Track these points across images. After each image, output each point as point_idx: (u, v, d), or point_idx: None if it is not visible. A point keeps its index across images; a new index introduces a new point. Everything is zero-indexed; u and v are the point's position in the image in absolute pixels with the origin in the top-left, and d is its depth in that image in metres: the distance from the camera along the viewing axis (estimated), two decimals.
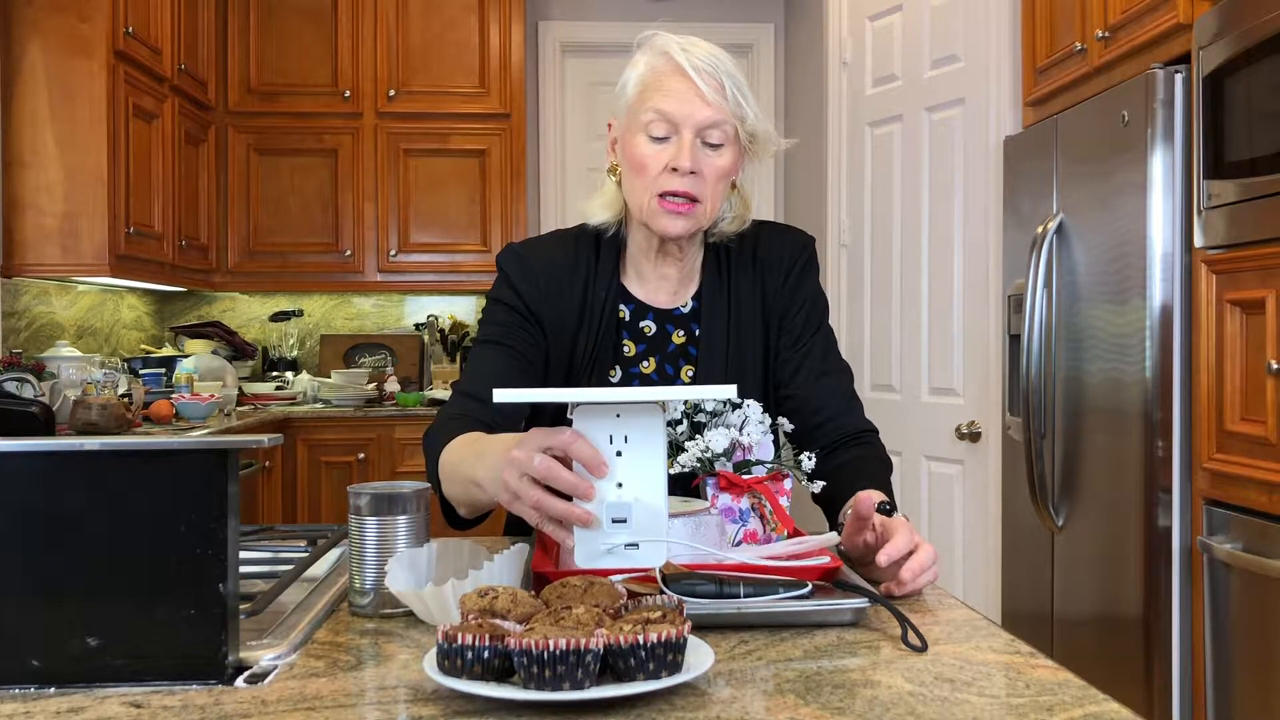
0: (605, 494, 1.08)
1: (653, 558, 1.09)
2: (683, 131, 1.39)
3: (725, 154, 1.42)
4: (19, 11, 3.35)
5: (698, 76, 1.38)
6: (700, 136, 1.39)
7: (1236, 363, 2.14)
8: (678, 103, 1.38)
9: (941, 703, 0.86)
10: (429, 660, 0.88)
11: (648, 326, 1.53)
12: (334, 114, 4.44)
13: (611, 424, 1.09)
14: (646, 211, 1.42)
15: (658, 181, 1.40)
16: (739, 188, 1.50)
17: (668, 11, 4.77)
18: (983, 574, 3.24)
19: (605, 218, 1.52)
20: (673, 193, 1.40)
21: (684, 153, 1.38)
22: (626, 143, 1.44)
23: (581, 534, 1.09)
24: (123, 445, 0.95)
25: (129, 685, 0.91)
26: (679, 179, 1.39)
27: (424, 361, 4.79)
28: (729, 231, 1.53)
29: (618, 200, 1.51)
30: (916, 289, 3.51)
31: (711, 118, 1.39)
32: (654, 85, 1.40)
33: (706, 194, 1.41)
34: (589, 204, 1.54)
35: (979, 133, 3.25)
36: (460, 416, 1.39)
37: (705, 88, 1.38)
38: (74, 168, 3.37)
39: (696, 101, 1.38)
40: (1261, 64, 2.03)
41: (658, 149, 1.40)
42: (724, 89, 1.39)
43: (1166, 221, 2.37)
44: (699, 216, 1.43)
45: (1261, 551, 2.05)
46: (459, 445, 1.30)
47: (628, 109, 1.44)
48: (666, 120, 1.39)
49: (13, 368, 3.05)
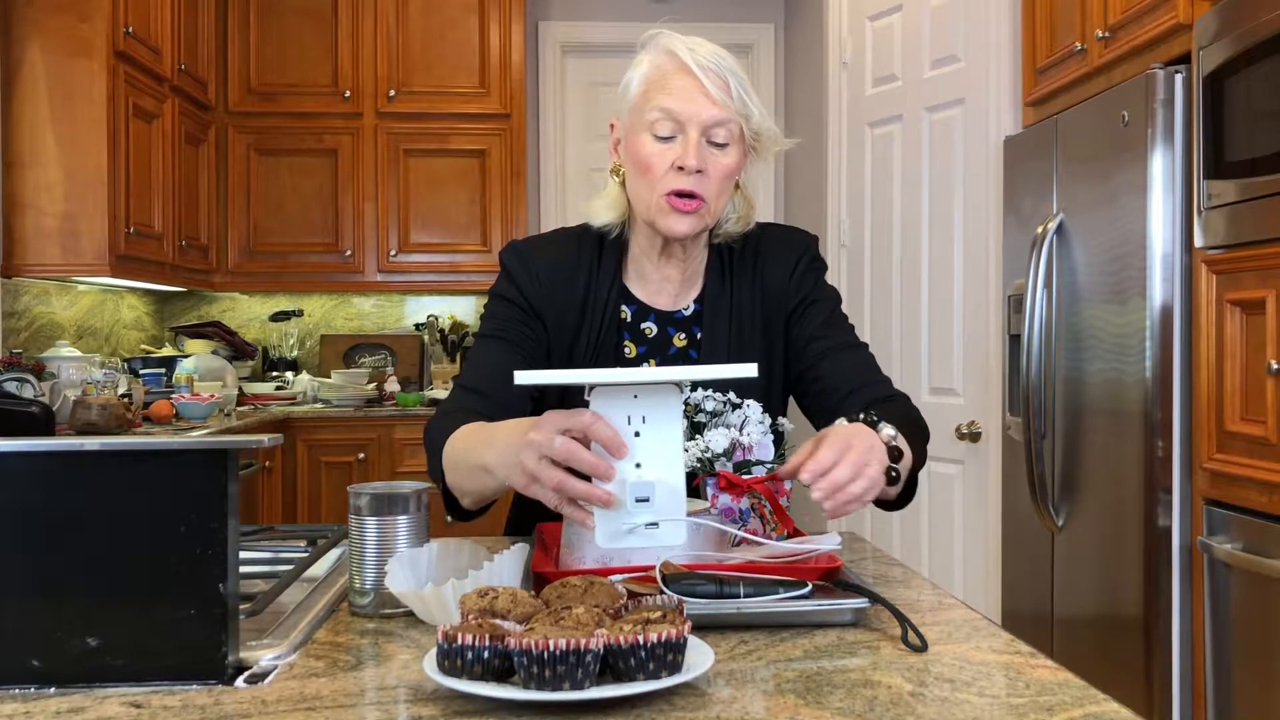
0: (625, 474, 1.07)
1: (673, 536, 1.08)
2: (688, 130, 1.38)
3: (730, 153, 1.41)
4: (19, 11, 3.35)
5: (703, 75, 1.37)
6: (706, 135, 1.38)
7: (1236, 363, 2.14)
8: (683, 101, 1.37)
9: (941, 703, 0.86)
10: (429, 660, 0.88)
11: (649, 328, 1.52)
12: (334, 114, 4.44)
13: (629, 404, 1.08)
14: (653, 211, 1.41)
15: (664, 181, 1.39)
16: (742, 188, 1.49)
17: (668, 11, 4.77)
18: (983, 574, 3.24)
19: (609, 219, 1.51)
20: (679, 192, 1.38)
21: (690, 151, 1.37)
22: (631, 142, 1.43)
23: (602, 515, 1.07)
24: (123, 445, 0.95)
25: (129, 685, 0.91)
26: (685, 178, 1.38)
27: (424, 361, 4.79)
28: (733, 232, 1.52)
29: (621, 201, 1.49)
30: (916, 289, 3.51)
31: (717, 116, 1.38)
32: (659, 84, 1.39)
33: (712, 193, 1.40)
34: (591, 205, 1.53)
35: (979, 133, 3.25)
36: (461, 410, 1.38)
37: (711, 86, 1.37)
38: (74, 168, 3.37)
39: (702, 100, 1.37)
40: (1261, 64, 2.03)
41: (663, 148, 1.39)
42: (729, 87, 1.38)
43: (1166, 221, 2.37)
44: (704, 216, 1.41)
45: (1261, 551, 2.05)
46: (465, 434, 1.29)
47: (632, 108, 1.43)
48: (672, 119, 1.38)
49: (13, 368, 3.05)
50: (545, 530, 1.37)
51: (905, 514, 3.55)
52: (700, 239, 1.50)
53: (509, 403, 1.40)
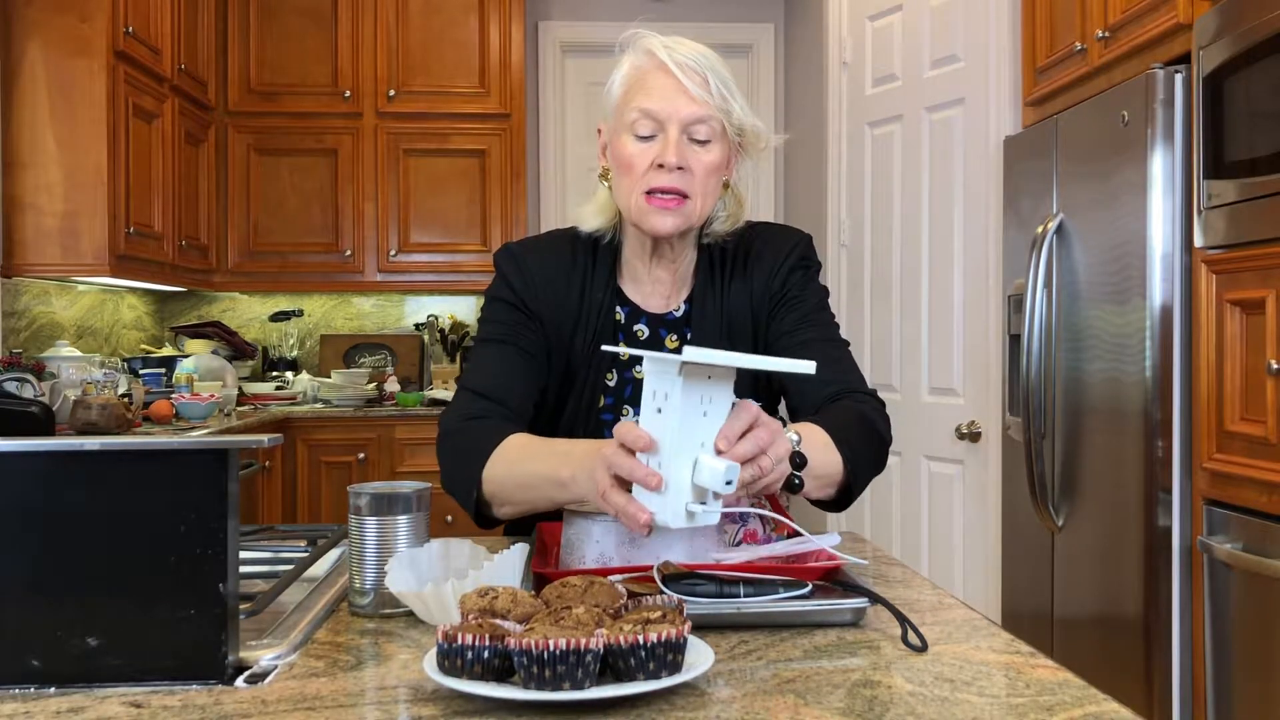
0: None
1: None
2: (668, 128, 1.37)
3: (713, 150, 1.40)
4: (19, 11, 3.35)
5: (681, 73, 1.37)
6: (686, 133, 1.38)
7: (1236, 363, 2.14)
8: (662, 99, 1.37)
9: (941, 703, 0.86)
10: (429, 660, 0.88)
11: (640, 330, 1.52)
12: (334, 114, 4.45)
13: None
14: (635, 211, 1.41)
15: (645, 179, 1.39)
16: (732, 186, 1.49)
17: (668, 12, 4.77)
18: (983, 574, 3.24)
19: (597, 224, 1.51)
20: (660, 189, 1.38)
21: (670, 148, 1.37)
22: (614, 144, 1.43)
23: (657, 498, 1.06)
24: (123, 445, 0.95)
25: (129, 685, 0.91)
26: (666, 175, 1.37)
27: (424, 361, 4.79)
28: (722, 231, 1.51)
29: (610, 206, 1.49)
30: (916, 289, 3.51)
31: (697, 113, 1.38)
32: (638, 84, 1.40)
33: (696, 190, 1.40)
34: (581, 210, 1.53)
35: (979, 133, 3.25)
36: (480, 417, 1.37)
37: (689, 83, 1.37)
38: (74, 168, 3.37)
39: (681, 97, 1.37)
40: (1261, 64, 2.03)
41: (644, 147, 1.39)
42: (709, 84, 1.38)
43: (1166, 221, 2.37)
44: (689, 213, 1.41)
45: (1261, 551, 2.05)
46: (523, 445, 1.30)
47: (614, 110, 1.43)
48: (651, 118, 1.38)
49: (13, 368, 3.05)
50: (545, 530, 1.37)
51: (905, 514, 3.55)
52: (688, 238, 1.49)
53: (517, 406, 1.41)
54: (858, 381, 1.46)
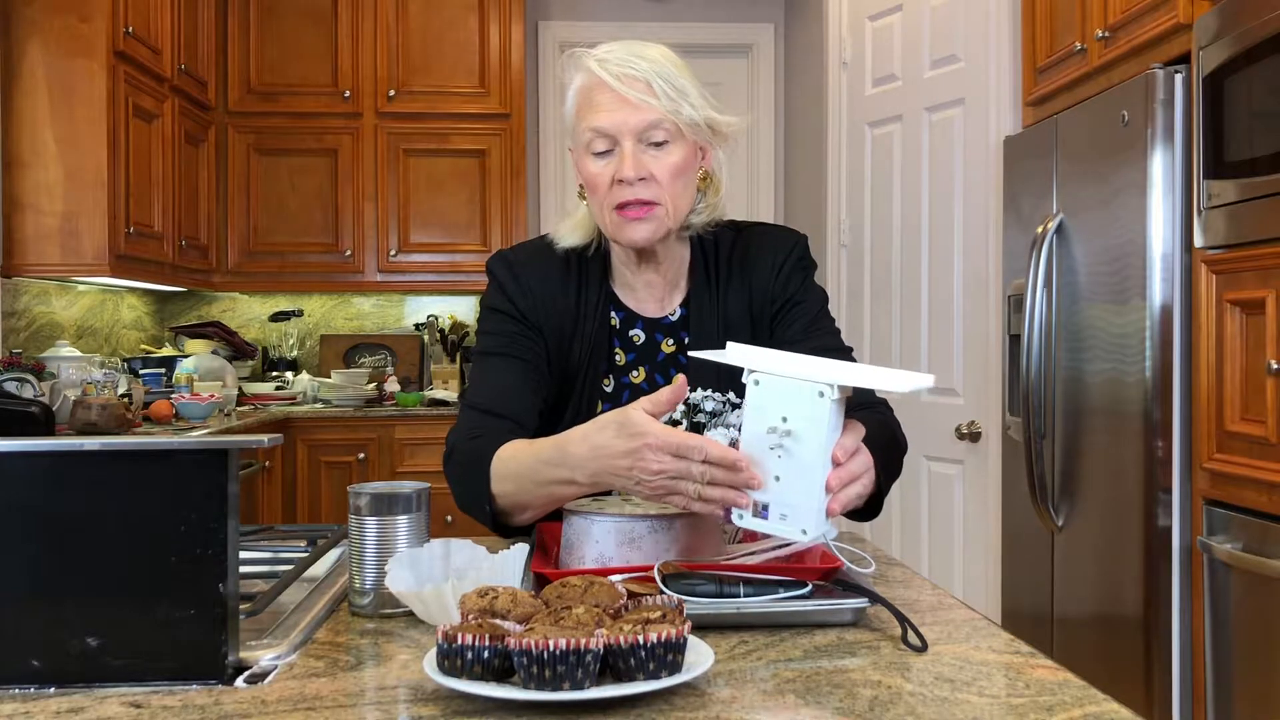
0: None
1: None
2: (622, 142, 1.39)
3: (673, 151, 1.40)
4: (19, 11, 3.35)
5: (621, 84, 1.38)
6: (642, 140, 1.39)
7: (1236, 363, 2.14)
8: (607, 115, 1.38)
9: (941, 703, 0.86)
10: (429, 660, 0.88)
11: (636, 335, 1.52)
12: (334, 114, 4.44)
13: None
14: (611, 226, 1.43)
15: (611, 195, 1.40)
16: (711, 176, 1.49)
17: (668, 12, 4.77)
18: (983, 574, 3.24)
19: (574, 241, 1.52)
20: (624, 204, 1.40)
21: (626, 163, 1.38)
22: (578, 164, 1.45)
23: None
24: (123, 445, 0.95)
25: (129, 685, 0.91)
26: (628, 189, 1.39)
27: (424, 361, 4.79)
28: (700, 223, 1.51)
29: (588, 221, 1.51)
30: (916, 289, 3.51)
31: (646, 119, 1.38)
32: (585, 103, 1.41)
33: (665, 195, 1.40)
34: (559, 228, 1.54)
35: (979, 133, 3.25)
36: (490, 432, 1.37)
37: (631, 93, 1.37)
38: (74, 168, 3.37)
39: (624, 109, 1.38)
40: (1261, 64, 2.03)
41: (603, 164, 1.40)
42: (652, 88, 1.38)
43: (1166, 221, 2.37)
44: (661, 219, 1.41)
45: (1261, 551, 2.05)
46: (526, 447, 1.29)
47: (572, 132, 1.46)
48: (603, 135, 1.39)
49: (13, 368, 3.05)
50: (545, 530, 1.37)
51: (905, 514, 3.55)
52: (671, 240, 1.49)
53: (522, 419, 1.40)
54: (867, 390, 1.47)
